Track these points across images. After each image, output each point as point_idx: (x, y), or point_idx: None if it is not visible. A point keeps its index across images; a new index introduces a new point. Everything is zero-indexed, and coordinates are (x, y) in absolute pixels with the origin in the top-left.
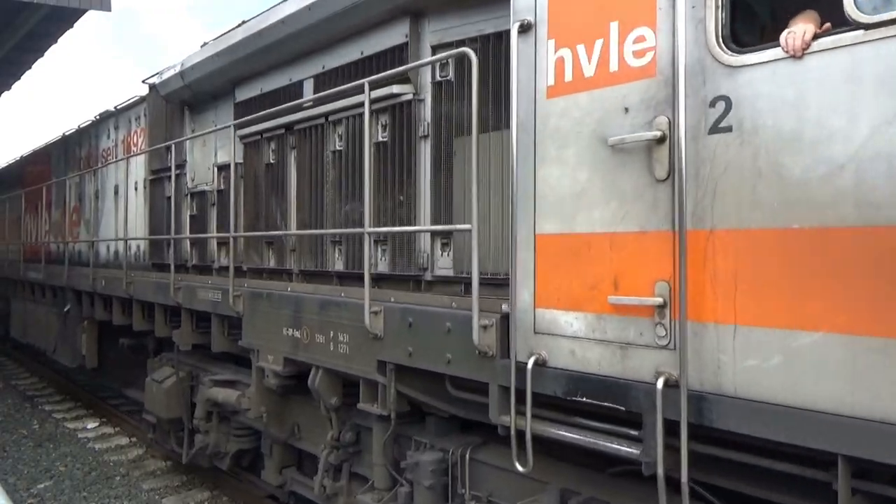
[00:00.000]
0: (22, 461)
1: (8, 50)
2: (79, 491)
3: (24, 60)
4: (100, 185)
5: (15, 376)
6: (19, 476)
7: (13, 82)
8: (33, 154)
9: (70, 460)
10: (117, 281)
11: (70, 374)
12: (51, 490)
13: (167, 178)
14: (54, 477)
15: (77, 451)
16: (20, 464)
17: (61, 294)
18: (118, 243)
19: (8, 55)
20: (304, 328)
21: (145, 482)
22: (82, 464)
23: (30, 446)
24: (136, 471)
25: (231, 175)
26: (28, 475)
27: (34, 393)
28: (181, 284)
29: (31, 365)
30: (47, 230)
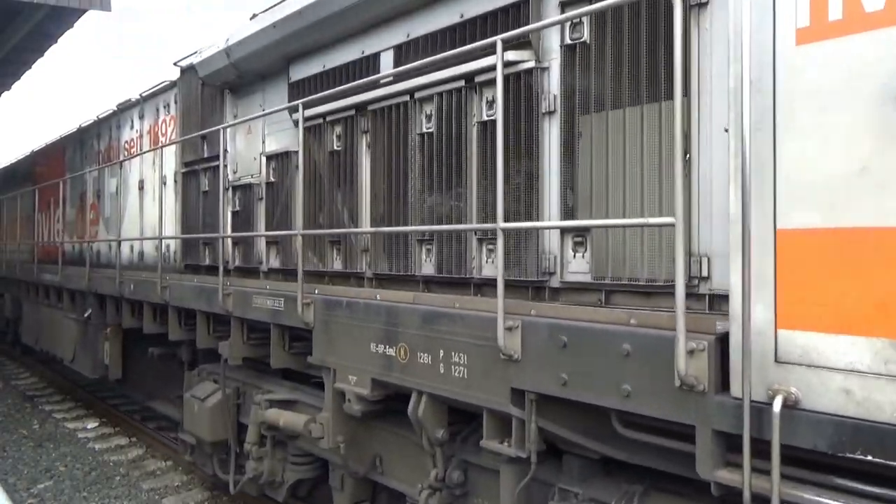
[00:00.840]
0: (22, 461)
1: (8, 50)
2: (79, 491)
3: (24, 60)
4: (122, 181)
5: (15, 376)
6: (19, 476)
7: (13, 82)
8: (46, 148)
9: (70, 460)
10: (150, 285)
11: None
12: (51, 490)
13: (203, 171)
14: (54, 477)
15: (77, 451)
16: (20, 464)
17: (81, 298)
18: (142, 243)
19: (8, 55)
20: (400, 345)
21: (145, 482)
22: (82, 464)
23: (30, 446)
24: (136, 471)
25: (296, 162)
26: (28, 475)
27: (34, 393)
28: (231, 290)
29: (31, 365)
30: (61, 229)
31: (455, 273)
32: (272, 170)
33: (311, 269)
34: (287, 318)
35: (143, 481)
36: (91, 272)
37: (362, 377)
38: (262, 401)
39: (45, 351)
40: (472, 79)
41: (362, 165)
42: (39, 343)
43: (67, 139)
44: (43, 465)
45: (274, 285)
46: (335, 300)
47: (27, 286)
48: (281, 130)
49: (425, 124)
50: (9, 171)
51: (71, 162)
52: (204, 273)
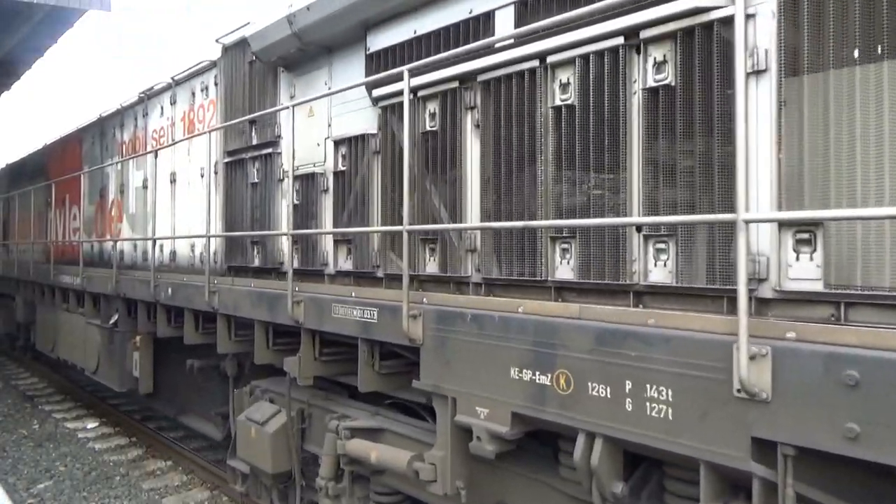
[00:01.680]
0: (22, 461)
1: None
2: (79, 491)
3: (24, 60)
4: (149, 174)
5: (15, 376)
6: (19, 476)
7: (13, 82)
8: (61, 141)
9: (70, 460)
10: (193, 289)
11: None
12: (51, 490)
13: (252, 160)
14: (54, 477)
15: (77, 451)
16: (20, 464)
17: (105, 303)
18: (174, 242)
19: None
20: (559, 372)
21: (145, 482)
22: (82, 464)
23: (30, 446)
24: (136, 471)
25: (374, 147)
26: (28, 475)
27: (34, 393)
28: (302, 296)
29: (31, 365)
30: (78, 227)
31: (607, 278)
32: (341, 156)
33: (394, 272)
34: (381, 332)
35: (143, 481)
36: (118, 274)
37: (498, 410)
38: (341, 429)
39: (64, 360)
40: (635, 34)
41: (467, 148)
42: (57, 351)
43: (85, 130)
44: (43, 465)
45: (361, 292)
46: (454, 312)
47: (42, 288)
48: (354, 111)
49: (560, 95)
50: (18, 167)
51: (89, 155)
52: (251, 276)
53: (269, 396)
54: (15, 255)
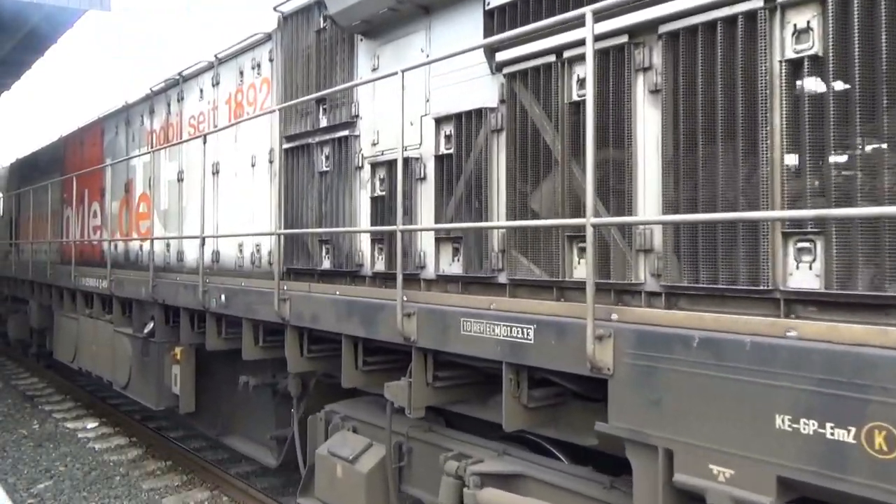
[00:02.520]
0: (22, 461)
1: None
2: (79, 491)
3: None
4: (185, 165)
5: (15, 376)
6: (19, 476)
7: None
8: (79, 132)
9: (70, 460)
10: (256, 297)
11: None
12: (51, 490)
13: (319, 146)
14: (54, 477)
15: (77, 451)
16: (20, 464)
17: (138, 309)
18: (216, 242)
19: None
20: (871, 425)
21: (145, 482)
22: (82, 464)
23: (30, 446)
24: (136, 471)
25: (495, 124)
26: (28, 475)
27: (34, 393)
28: (415, 308)
29: (31, 365)
30: (99, 225)
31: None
32: (444, 137)
33: (523, 276)
34: (540, 356)
35: (143, 481)
36: (155, 277)
37: (750, 472)
38: (468, 474)
39: (88, 372)
40: None
41: (637, 120)
42: (79, 361)
43: (108, 119)
44: (43, 465)
45: (503, 304)
46: (668, 334)
47: (60, 292)
48: (462, 82)
49: (793, 45)
50: (30, 161)
51: (112, 146)
52: (318, 279)
53: (353, 426)
54: (29, 256)
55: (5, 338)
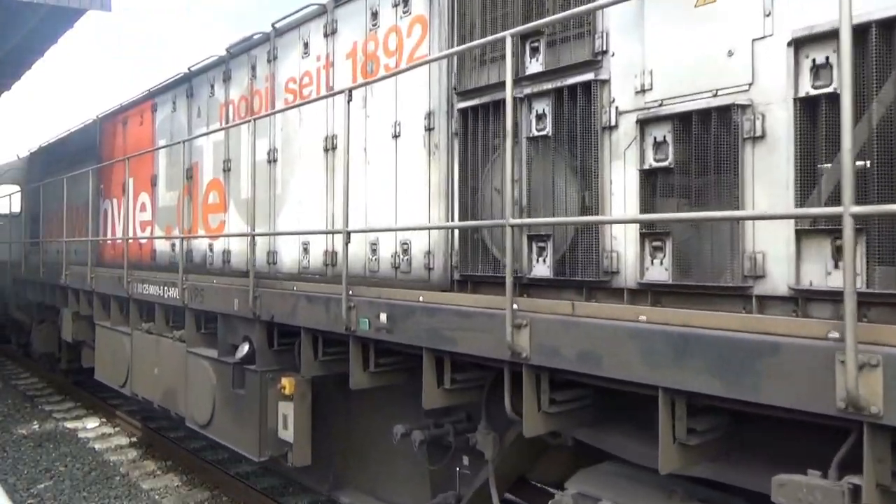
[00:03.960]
0: (22, 461)
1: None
2: (79, 491)
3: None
4: (279, 142)
5: (15, 376)
6: (19, 476)
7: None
8: (119, 111)
9: (70, 460)
10: (451, 319)
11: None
12: (51, 490)
13: (527, 99)
14: (54, 477)
15: (77, 451)
16: (20, 464)
17: (225, 327)
18: (328, 240)
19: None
20: None
21: (145, 482)
22: (82, 464)
23: (30, 446)
24: (136, 471)
25: None
26: (28, 475)
27: (34, 393)
28: None
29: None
30: (148, 220)
31: None
32: (812, 68)
33: None
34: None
35: (143, 481)
36: (256, 287)
37: None
38: None
39: (146, 400)
40: None
41: None
42: (133, 387)
43: (161, 93)
44: (43, 465)
45: None
46: None
47: (104, 301)
48: None
49: None
50: (56, 149)
51: (167, 125)
52: (522, 291)
53: None
54: (57, 257)
55: (25, 347)
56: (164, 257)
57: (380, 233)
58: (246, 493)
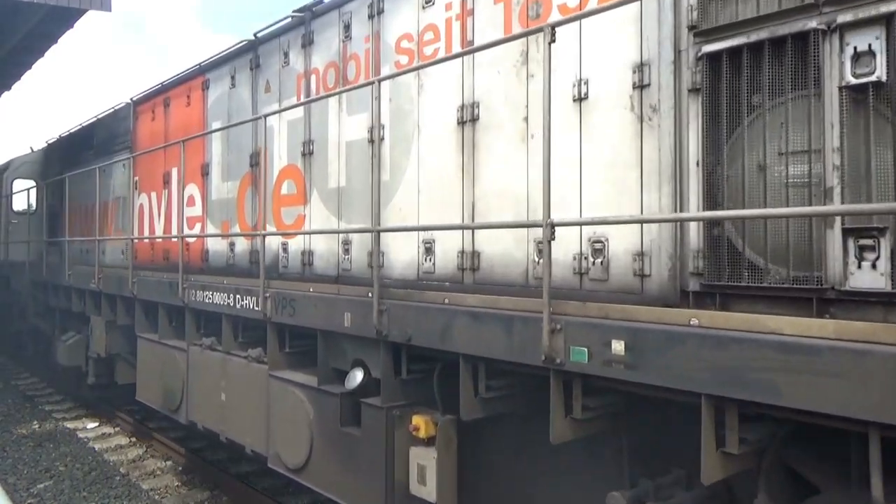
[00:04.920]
0: (22, 461)
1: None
2: (79, 491)
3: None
4: (386, 116)
5: (15, 376)
6: (19, 476)
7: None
8: (160, 91)
9: (70, 460)
10: (727, 349)
11: None
12: (51, 490)
13: (838, 31)
14: (54, 477)
15: (77, 451)
16: (20, 464)
17: (330, 347)
18: (472, 237)
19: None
20: None
21: (145, 482)
22: (82, 464)
23: (30, 446)
24: (136, 471)
25: None
26: (28, 475)
27: (34, 393)
28: None
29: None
30: (198, 216)
31: None
32: None
33: None
34: None
35: (143, 481)
36: (381, 297)
37: None
38: None
39: (207, 430)
40: None
41: None
42: (192, 414)
43: (216, 67)
44: (43, 465)
45: None
46: None
47: (148, 309)
48: None
49: None
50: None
51: (223, 103)
52: (825, 309)
53: None
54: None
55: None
56: (219, 259)
57: (559, 227)
58: (246, 493)
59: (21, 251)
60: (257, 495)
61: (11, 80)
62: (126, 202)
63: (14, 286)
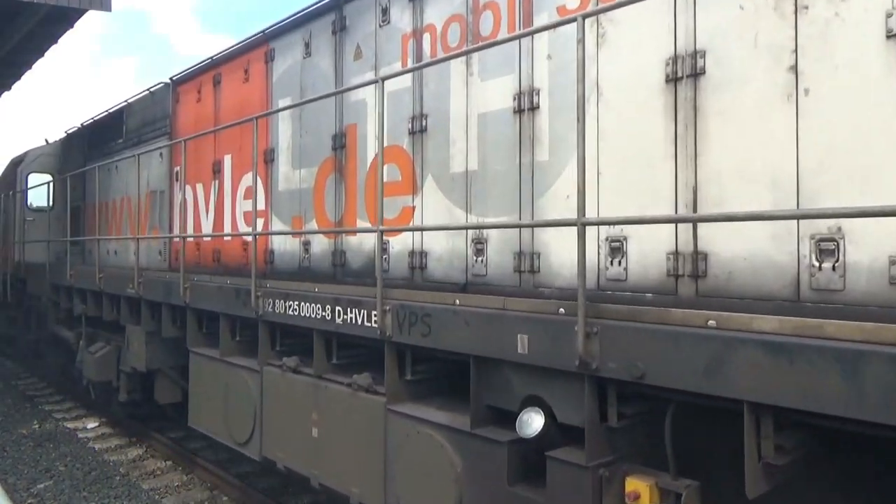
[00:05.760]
0: (22, 461)
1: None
2: (79, 491)
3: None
4: (540, 78)
5: (15, 376)
6: (19, 476)
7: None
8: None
9: (70, 460)
10: None
11: None
12: (51, 490)
13: None
14: (54, 477)
15: (77, 451)
16: (20, 464)
17: (492, 381)
18: (669, 233)
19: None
20: None
21: (145, 482)
22: (82, 464)
23: (30, 446)
24: (136, 471)
25: None
26: (28, 475)
27: (34, 393)
28: None
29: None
30: (260, 210)
31: None
32: None
33: None
34: None
35: (143, 481)
36: (589, 318)
37: None
38: None
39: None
40: None
41: None
42: (268, 449)
43: (285, 34)
44: (43, 465)
45: None
46: None
47: (203, 320)
48: None
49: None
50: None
51: (291, 78)
52: None
53: None
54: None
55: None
56: (289, 261)
57: None
58: (246, 493)
59: (38, 251)
60: (257, 495)
61: (12, 80)
62: (163, 196)
63: (30, 289)
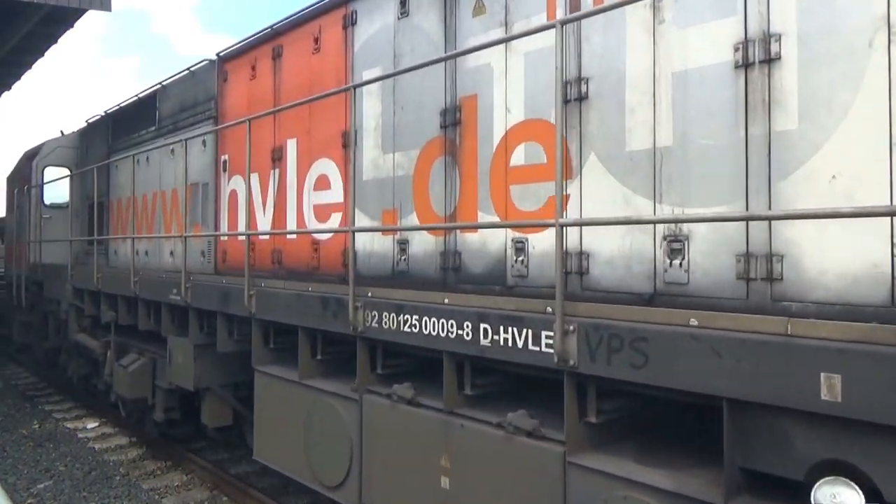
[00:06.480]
0: (22, 461)
1: (8, 50)
2: (79, 491)
3: (24, 60)
4: (786, 20)
5: (15, 376)
6: (19, 476)
7: (13, 82)
8: (263, 40)
9: (70, 460)
10: None
11: None
12: (51, 490)
13: None
14: (54, 477)
15: (77, 451)
16: (20, 464)
17: (766, 436)
18: None
19: (8, 55)
20: None
21: (145, 482)
22: (82, 464)
23: (30, 446)
24: (136, 471)
25: None
26: (28, 475)
27: (34, 393)
28: None
29: (31, 365)
30: (336, 203)
31: None
32: None
33: None
34: None
35: (143, 481)
36: None
37: None
38: None
39: None
40: None
41: None
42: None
43: None
44: (43, 465)
45: None
46: None
47: (269, 332)
48: None
49: None
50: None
51: (380, 44)
52: None
53: None
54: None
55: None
56: (378, 263)
57: None
58: (246, 493)
59: (56, 252)
60: (257, 495)
61: (12, 80)
62: (206, 189)
63: (48, 293)
